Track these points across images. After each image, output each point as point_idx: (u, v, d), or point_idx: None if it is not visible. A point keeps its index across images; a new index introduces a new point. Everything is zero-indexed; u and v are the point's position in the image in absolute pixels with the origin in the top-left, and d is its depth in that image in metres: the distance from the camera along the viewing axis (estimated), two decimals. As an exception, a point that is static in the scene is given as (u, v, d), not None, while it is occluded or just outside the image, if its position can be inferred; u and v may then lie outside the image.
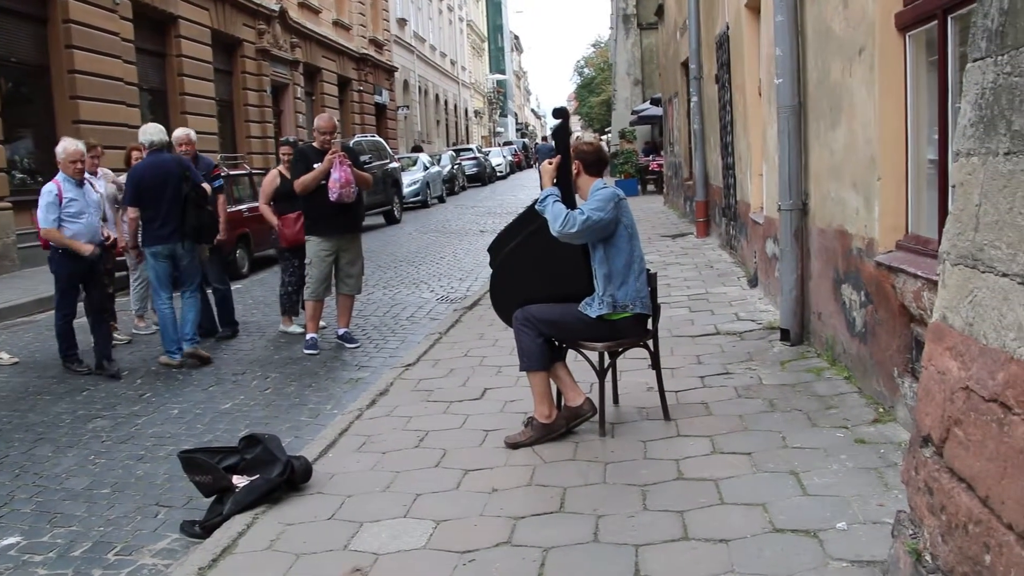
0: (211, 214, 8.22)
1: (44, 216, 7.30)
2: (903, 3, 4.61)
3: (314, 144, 8.04)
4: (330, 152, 7.68)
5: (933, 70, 4.37)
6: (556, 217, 4.61)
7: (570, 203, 4.75)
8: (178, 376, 7.39)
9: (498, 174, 44.19)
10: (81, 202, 7.46)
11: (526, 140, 79.52)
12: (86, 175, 7.75)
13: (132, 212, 7.77)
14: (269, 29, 24.10)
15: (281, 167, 8.79)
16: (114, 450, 5.61)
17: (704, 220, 13.89)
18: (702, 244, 13.17)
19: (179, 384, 7.14)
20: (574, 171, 4.84)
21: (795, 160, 6.35)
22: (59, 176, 7.50)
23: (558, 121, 5.04)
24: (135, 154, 8.77)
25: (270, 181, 8.73)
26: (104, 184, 8.67)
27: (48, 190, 7.41)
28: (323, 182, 7.63)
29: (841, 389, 5.32)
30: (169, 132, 8.35)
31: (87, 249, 7.34)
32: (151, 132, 7.92)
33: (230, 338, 8.78)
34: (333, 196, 7.58)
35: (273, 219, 8.60)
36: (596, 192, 4.77)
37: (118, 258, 8.89)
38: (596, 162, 4.92)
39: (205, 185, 8.21)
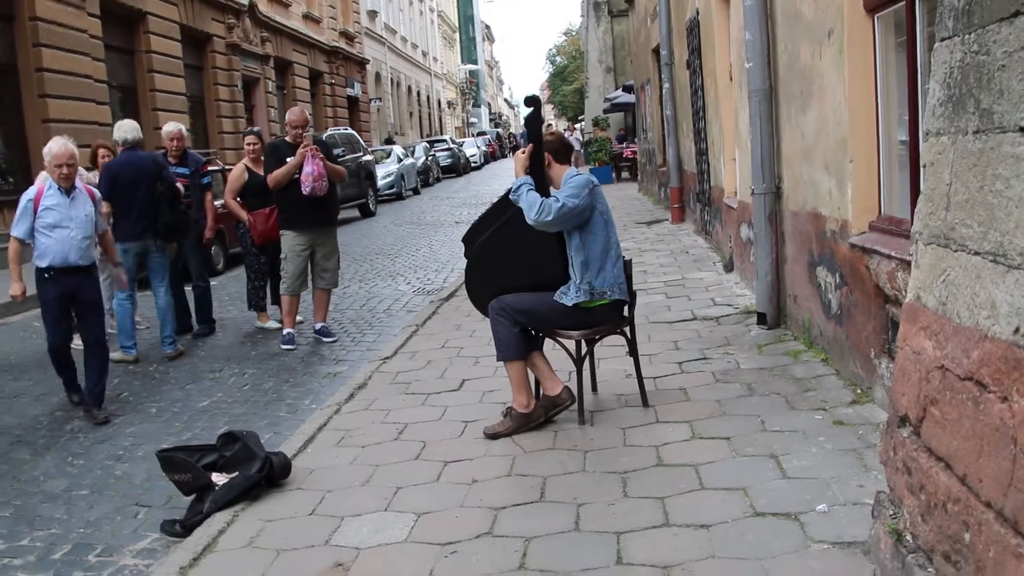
0: (184, 212, 8.17)
1: (15, 223, 6.21)
2: (871, -16, 4.62)
3: (286, 138, 7.99)
4: (302, 146, 7.63)
5: (902, 51, 4.38)
6: (531, 205, 4.60)
7: (543, 191, 4.74)
8: (155, 375, 7.33)
9: (472, 165, 44.10)
10: (61, 213, 6.16)
11: (500, 130, 79.41)
12: (81, 184, 6.52)
13: (105, 207, 7.70)
14: (239, 23, 23.89)
15: (247, 160, 8.67)
16: (92, 451, 5.56)
17: (679, 206, 13.93)
18: (677, 230, 13.20)
19: (156, 383, 7.09)
20: (545, 162, 4.84)
21: (767, 144, 6.36)
22: (43, 178, 6.47)
23: (530, 109, 5.02)
24: (101, 151, 8.70)
25: (237, 176, 8.62)
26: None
27: (26, 194, 6.29)
28: (296, 176, 7.59)
29: (819, 371, 5.34)
30: (140, 129, 8.27)
31: (15, 291, 6.23)
32: (126, 129, 7.92)
33: (207, 335, 8.72)
34: (306, 190, 7.53)
35: (241, 213, 8.50)
36: (570, 180, 4.77)
37: None
38: (562, 149, 4.96)
39: (179, 183, 8.16)
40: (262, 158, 8.43)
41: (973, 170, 2.41)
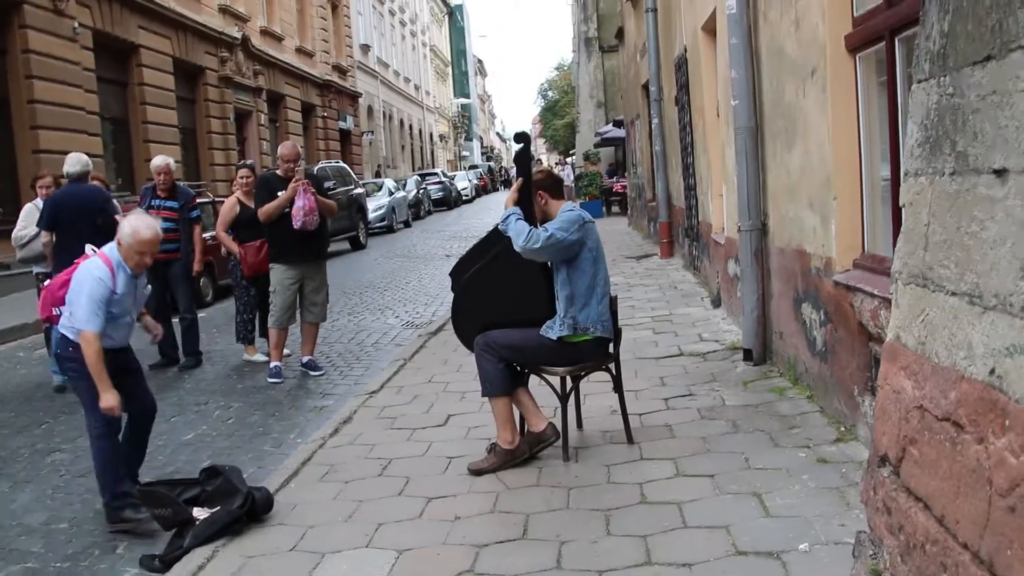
0: None
1: (88, 312, 4.60)
2: (852, 25, 4.67)
3: (278, 172, 8.01)
4: (294, 180, 7.64)
5: (884, 90, 4.43)
6: (519, 233, 4.64)
7: (531, 224, 4.77)
8: (139, 408, 7.28)
9: (464, 198, 44.22)
10: (128, 301, 4.96)
11: (491, 164, 79.71)
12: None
13: (45, 236, 7.74)
14: (232, 57, 24.03)
15: (239, 193, 8.68)
16: (73, 484, 5.51)
17: (668, 241, 13.97)
18: (666, 265, 13.23)
19: (140, 416, 7.03)
20: (541, 200, 4.88)
21: (753, 181, 6.40)
22: (112, 256, 4.84)
23: (520, 145, 5.08)
24: (40, 183, 8.68)
25: (229, 208, 8.63)
26: None
27: (98, 274, 4.71)
28: (287, 210, 7.59)
29: (803, 408, 5.34)
30: (131, 160, 8.32)
31: (110, 402, 4.63)
32: (71, 162, 8.02)
33: (193, 367, 8.68)
34: (297, 224, 7.54)
35: (233, 246, 8.52)
36: (563, 213, 4.82)
37: None
38: (554, 184, 5.02)
39: (118, 217, 8.13)
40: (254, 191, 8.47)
41: (950, 211, 2.42)
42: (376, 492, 4.65)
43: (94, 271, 4.72)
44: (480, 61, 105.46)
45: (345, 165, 25.51)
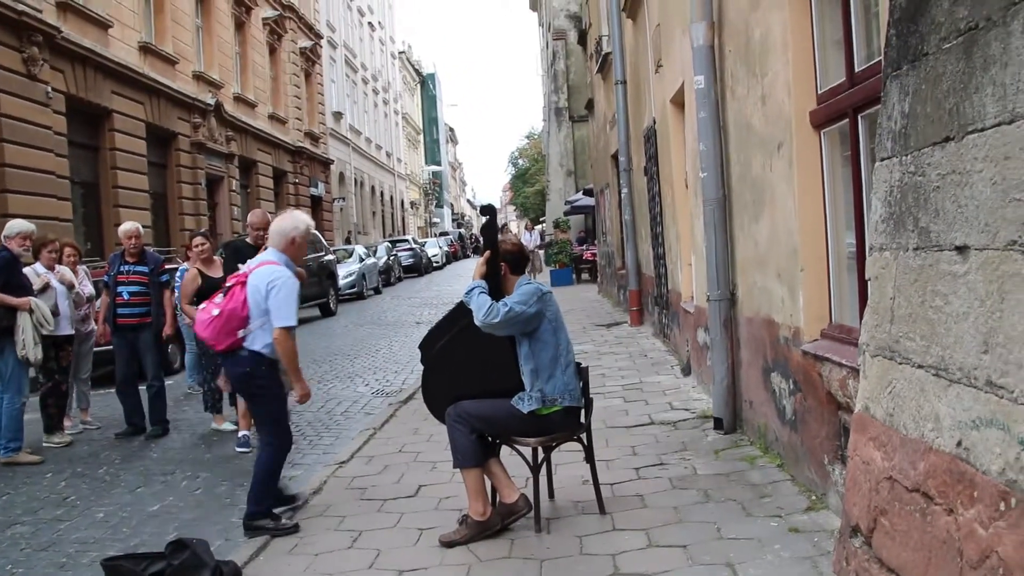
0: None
1: (292, 310, 5.28)
2: (816, 102, 4.80)
3: (247, 239, 8.02)
4: (263, 248, 7.64)
5: (848, 164, 4.54)
6: (480, 307, 4.68)
7: (496, 296, 4.81)
8: (105, 477, 7.17)
9: (434, 264, 44.31)
10: None
11: (462, 231, 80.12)
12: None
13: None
14: (204, 123, 24.12)
15: (197, 263, 8.64)
16: (34, 558, 5.39)
17: (637, 309, 14.04)
18: (636, 333, 13.28)
19: (105, 486, 6.93)
20: (502, 271, 4.93)
21: (721, 251, 6.49)
22: (279, 258, 5.41)
23: (486, 218, 5.14)
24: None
25: (191, 280, 8.52)
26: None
27: (286, 274, 5.31)
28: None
29: (774, 477, 5.35)
30: (100, 225, 8.32)
31: (306, 389, 5.52)
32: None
33: (160, 436, 8.57)
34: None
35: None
36: (521, 287, 4.87)
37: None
38: (519, 260, 5.07)
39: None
40: (213, 257, 8.53)
41: (914, 285, 2.48)
42: (346, 565, 4.59)
43: (280, 273, 5.27)
44: (451, 129, 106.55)
45: (316, 232, 25.54)
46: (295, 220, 5.55)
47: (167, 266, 9.68)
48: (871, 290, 2.83)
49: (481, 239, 5.02)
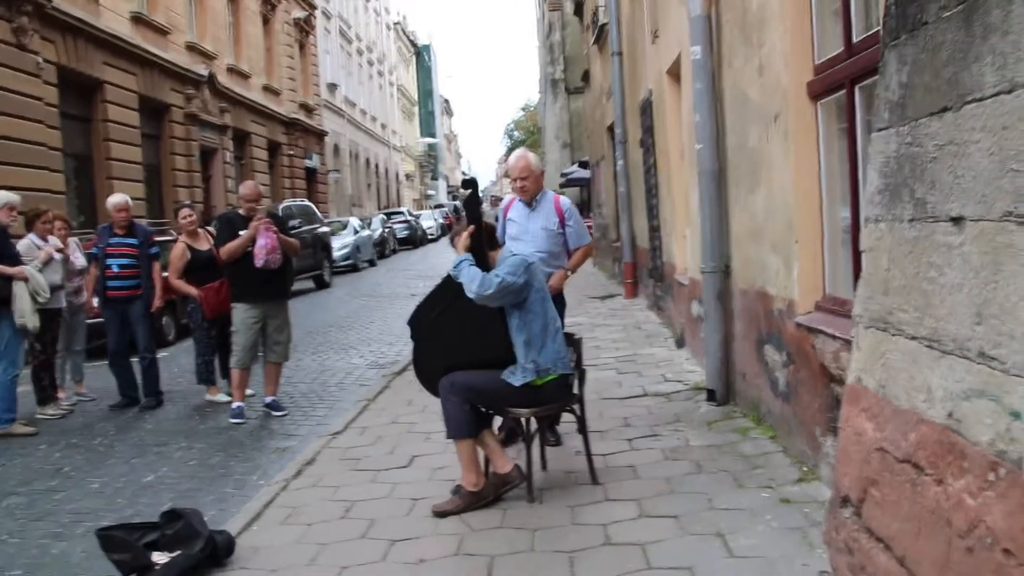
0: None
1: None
2: (814, 72, 4.77)
3: (239, 211, 8.00)
4: (255, 219, 7.63)
5: (844, 136, 4.52)
6: (472, 279, 4.68)
7: (483, 269, 4.80)
8: (99, 448, 7.19)
9: (429, 237, 44.31)
10: None
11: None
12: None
13: None
14: (198, 94, 23.96)
15: (184, 236, 8.65)
16: (29, 528, 5.40)
17: (632, 281, 14.06)
18: (630, 305, 13.30)
19: (100, 456, 6.94)
20: (486, 242, 4.96)
21: (716, 223, 6.47)
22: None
23: (468, 191, 5.12)
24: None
25: (180, 255, 8.52)
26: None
27: None
28: (249, 249, 7.57)
29: (766, 449, 5.37)
30: (93, 198, 8.27)
31: None
32: None
33: (154, 408, 8.58)
34: (259, 263, 7.52)
35: (191, 290, 8.42)
36: (507, 258, 4.88)
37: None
38: (490, 235, 5.11)
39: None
40: (199, 230, 8.59)
41: (909, 257, 2.47)
42: (339, 535, 4.60)
43: None
44: (447, 101, 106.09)
45: (310, 204, 25.48)
46: None
47: (158, 238, 9.65)
48: (865, 262, 2.82)
49: (463, 212, 5.00)
